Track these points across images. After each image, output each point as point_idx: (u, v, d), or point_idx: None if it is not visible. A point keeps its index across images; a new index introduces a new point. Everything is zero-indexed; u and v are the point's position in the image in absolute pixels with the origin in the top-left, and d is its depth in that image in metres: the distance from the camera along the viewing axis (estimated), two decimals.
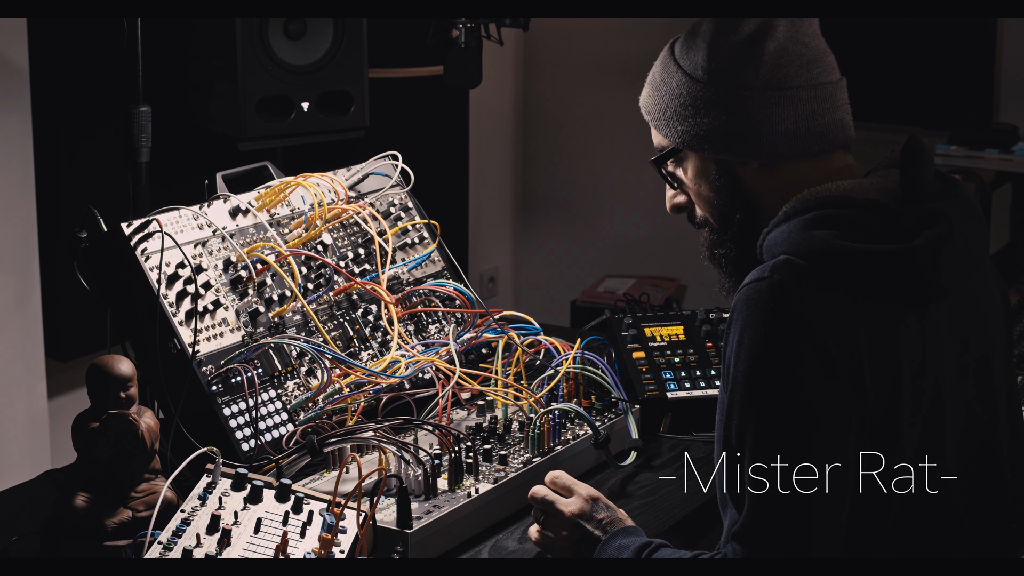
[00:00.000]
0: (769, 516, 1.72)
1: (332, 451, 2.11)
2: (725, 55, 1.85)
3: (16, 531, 2.06)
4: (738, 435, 1.74)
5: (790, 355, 1.72)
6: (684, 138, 1.90)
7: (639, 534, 1.92)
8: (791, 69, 1.84)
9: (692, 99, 1.88)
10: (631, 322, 2.56)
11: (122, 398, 2.01)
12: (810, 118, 1.85)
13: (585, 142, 4.99)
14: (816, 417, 1.72)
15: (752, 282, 1.76)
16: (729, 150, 1.87)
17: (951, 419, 1.82)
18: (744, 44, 1.85)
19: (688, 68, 1.88)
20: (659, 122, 1.93)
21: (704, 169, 1.91)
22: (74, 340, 3.31)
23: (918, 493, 1.79)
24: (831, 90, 1.87)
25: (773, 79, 1.84)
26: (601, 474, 2.28)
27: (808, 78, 1.85)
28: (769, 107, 1.84)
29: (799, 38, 1.86)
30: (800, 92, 1.85)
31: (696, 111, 1.87)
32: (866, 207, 1.79)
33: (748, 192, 1.89)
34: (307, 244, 2.43)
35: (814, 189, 1.83)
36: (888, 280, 1.75)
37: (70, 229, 2.31)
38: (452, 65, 2.96)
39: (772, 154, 1.86)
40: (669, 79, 1.91)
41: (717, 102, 1.86)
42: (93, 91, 3.23)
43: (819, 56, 1.87)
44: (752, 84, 1.84)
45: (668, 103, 1.91)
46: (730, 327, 1.77)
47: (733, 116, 1.85)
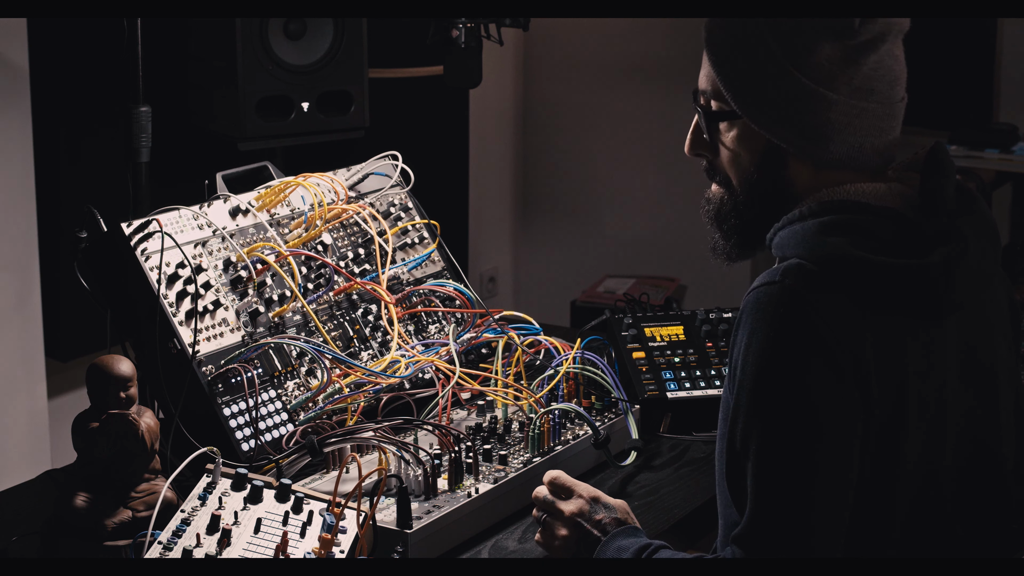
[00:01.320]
0: (771, 521, 1.71)
1: (332, 451, 2.11)
2: (831, 53, 1.79)
3: (16, 531, 2.06)
4: (743, 439, 1.73)
5: (798, 361, 1.71)
6: (752, 110, 1.83)
7: (639, 535, 1.92)
8: (880, 84, 1.80)
9: (776, 78, 1.80)
10: (631, 322, 2.56)
11: (122, 398, 2.01)
12: (877, 135, 1.82)
13: (585, 142, 4.99)
14: (822, 424, 1.71)
15: (763, 285, 1.75)
16: (795, 143, 1.82)
17: (951, 426, 1.82)
18: (854, 49, 1.79)
19: (785, 44, 1.80)
20: (729, 79, 1.84)
21: (753, 141, 1.85)
22: (74, 340, 3.31)
23: (916, 500, 1.78)
24: (899, 108, 1.84)
25: (861, 90, 1.79)
26: (601, 474, 2.28)
27: (890, 95, 1.82)
28: (849, 116, 1.80)
29: (894, 52, 1.82)
30: (879, 108, 1.81)
31: (777, 91, 1.80)
32: (882, 215, 1.78)
33: (788, 179, 1.85)
34: (307, 244, 2.43)
35: (832, 190, 1.82)
36: (900, 294, 1.74)
37: (70, 229, 2.31)
38: (452, 65, 2.96)
39: (831, 161, 1.82)
40: (757, 43, 1.81)
41: (803, 94, 1.79)
42: (93, 91, 3.23)
43: (902, 72, 1.84)
44: (842, 90, 1.79)
45: (747, 67, 1.82)
46: (738, 329, 1.76)
47: (814, 114, 1.80)
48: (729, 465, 1.77)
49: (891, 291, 1.74)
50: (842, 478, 1.71)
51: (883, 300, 1.74)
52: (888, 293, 1.74)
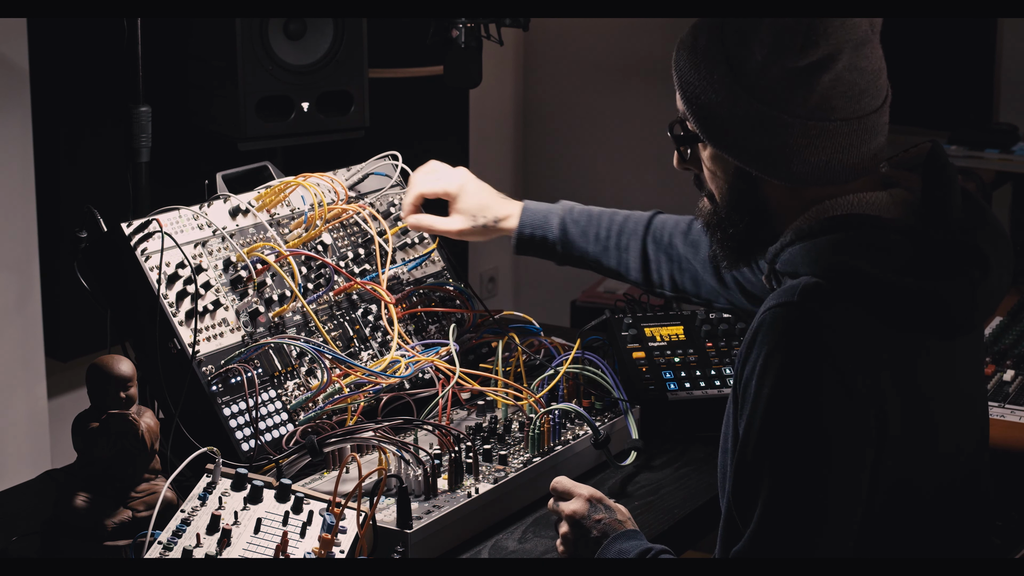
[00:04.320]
0: (777, 538, 1.70)
1: (332, 451, 2.11)
2: (778, 76, 1.76)
3: (16, 531, 2.06)
4: (755, 457, 1.71)
5: (816, 384, 1.68)
6: (712, 134, 1.82)
7: (639, 538, 1.92)
8: (839, 101, 1.76)
9: (731, 101, 1.79)
10: (631, 322, 2.56)
11: (122, 398, 2.01)
12: (846, 151, 1.78)
13: (585, 142, 4.99)
14: (835, 449, 1.69)
15: (778, 305, 1.72)
16: (756, 165, 1.80)
17: (952, 439, 1.82)
18: (800, 73, 1.75)
19: (736, 65, 1.78)
20: (689, 103, 1.83)
21: (724, 162, 1.85)
22: (74, 340, 3.31)
23: (908, 512, 1.78)
24: (873, 119, 1.79)
25: (818, 110, 1.76)
26: (601, 474, 2.28)
27: (855, 110, 1.77)
28: (808, 137, 1.76)
29: (857, 64, 1.77)
30: (842, 126, 1.77)
31: (733, 115, 1.79)
32: (896, 230, 1.76)
33: (763, 198, 1.84)
34: (307, 244, 2.43)
35: (834, 203, 1.79)
36: (921, 315, 1.73)
37: (70, 229, 2.31)
38: (452, 65, 2.96)
39: (799, 180, 1.80)
40: (712, 64, 1.80)
41: (757, 117, 1.77)
42: (93, 91, 3.23)
43: (872, 81, 1.78)
44: (797, 111, 1.76)
45: (703, 88, 1.81)
46: (751, 347, 1.73)
47: (769, 136, 1.77)
48: (737, 481, 1.74)
49: (912, 312, 1.72)
50: (851, 503, 1.70)
51: (902, 320, 1.72)
52: (908, 314, 1.72)
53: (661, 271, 2.42)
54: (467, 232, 2.47)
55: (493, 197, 2.48)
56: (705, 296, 2.41)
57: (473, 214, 2.46)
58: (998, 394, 2.65)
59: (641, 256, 2.42)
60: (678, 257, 2.40)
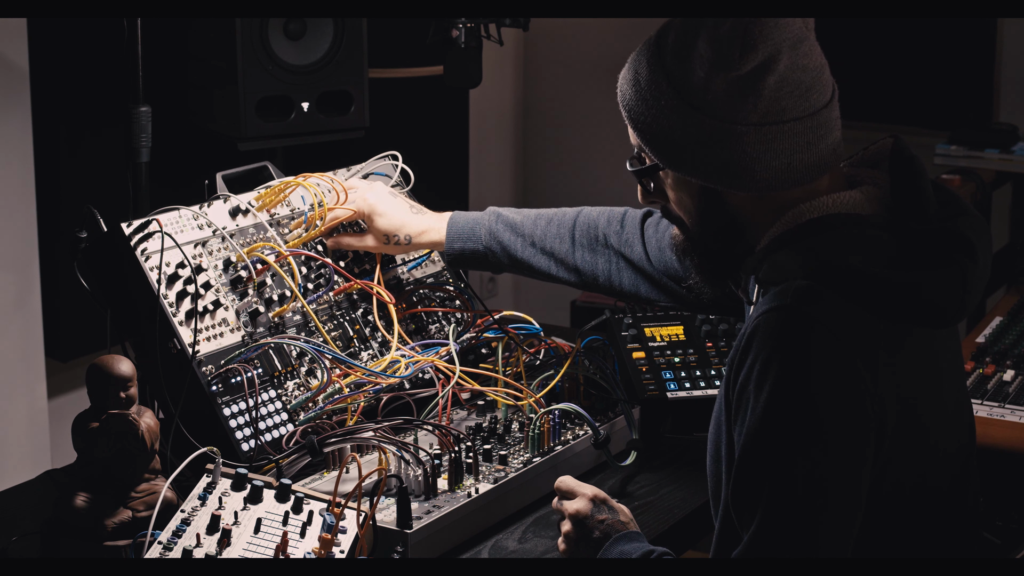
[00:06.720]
0: (778, 539, 1.70)
1: (332, 451, 2.11)
2: (724, 87, 1.75)
3: (16, 531, 2.06)
4: (756, 461, 1.70)
5: (815, 386, 1.68)
6: (669, 158, 1.81)
7: (642, 540, 1.92)
8: (789, 101, 1.75)
9: (682, 122, 1.78)
10: (631, 322, 2.56)
11: (122, 398, 2.01)
12: (804, 150, 1.76)
13: (585, 142, 4.99)
14: (837, 450, 1.69)
15: (772, 309, 1.71)
16: (719, 181, 1.79)
17: (947, 430, 1.82)
18: (744, 80, 1.74)
19: (680, 86, 1.77)
20: (642, 133, 1.84)
21: (688, 185, 1.83)
22: (74, 340, 3.31)
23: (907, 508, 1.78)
24: (825, 115, 1.78)
25: (770, 113, 1.75)
26: (601, 474, 2.28)
27: (805, 107, 1.76)
28: (765, 143, 1.75)
29: (798, 62, 1.76)
30: (796, 125, 1.75)
31: (685, 135, 1.78)
32: (877, 225, 1.75)
33: (733, 212, 1.83)
34: (307, 244, 2.43)
35: (809, 206, 1.78)
36: (916, 306, 1.73)
37: (70, 229, 2.31)
38: (452, 65, 2.96)
39: (765, 187, 1.78)
40: (657, 91, 1.80)
41: (709, 132, 1.76)
42: (93, 91, 3.23)
43: (816, 77, 1.77)
44: (749, 119, 1.75)
45: (653, 116, 1.81)
46: (746, 352, 1.72)
47: (726, 150, 1.76)
48: (736, 485, 1.73)
49: (906, 304, 1.72)
50: (851, 504, 1.70)
51: (897, 313, 1.72)
52: (903, 306, 1.72)
53: (596, 271, 2.36)
54: (386, 250, 2.46)
55: (406, 215, 2.42)
56: (645, 295, 2.35)
57: (385, 234, 2.42)
58: (998, 394, 2.65)
59: (572, 257, 2.37)
60: (614, 254, 2.35)
